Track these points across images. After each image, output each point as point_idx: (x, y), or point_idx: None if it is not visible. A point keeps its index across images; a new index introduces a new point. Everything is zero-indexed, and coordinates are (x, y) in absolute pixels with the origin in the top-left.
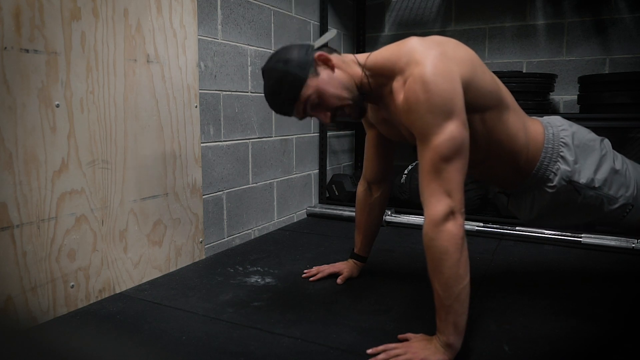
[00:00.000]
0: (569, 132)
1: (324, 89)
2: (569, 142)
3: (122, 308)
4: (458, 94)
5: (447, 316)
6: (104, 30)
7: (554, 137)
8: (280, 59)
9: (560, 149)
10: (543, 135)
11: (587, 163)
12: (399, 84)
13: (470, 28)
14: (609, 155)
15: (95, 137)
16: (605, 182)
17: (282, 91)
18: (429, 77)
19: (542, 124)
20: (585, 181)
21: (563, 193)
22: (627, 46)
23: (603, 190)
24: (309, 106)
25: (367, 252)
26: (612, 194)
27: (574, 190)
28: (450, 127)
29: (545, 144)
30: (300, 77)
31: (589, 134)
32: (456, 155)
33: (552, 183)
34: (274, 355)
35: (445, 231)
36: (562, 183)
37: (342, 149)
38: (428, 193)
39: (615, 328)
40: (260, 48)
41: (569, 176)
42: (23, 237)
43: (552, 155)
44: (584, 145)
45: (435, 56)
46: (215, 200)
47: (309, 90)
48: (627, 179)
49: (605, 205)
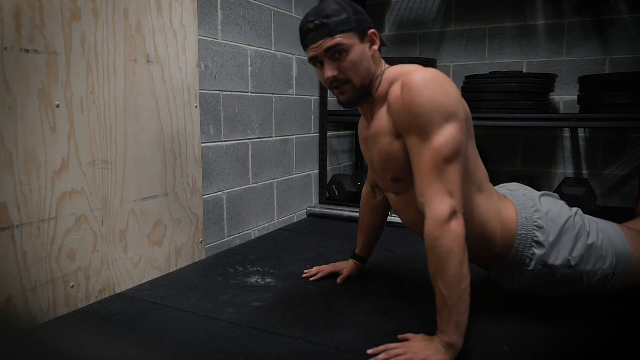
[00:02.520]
0: (541, 213)
1: (355, 54)
2: (543, 224)
3: (122, 308)
4: (460, 103)
5: (449, 315)
6: (104, 30)
7: (527, 221)
8: (347, 1)
9: (534, 234)
10: (516, 220)
11: (562, 243)
12: (396, 87)
13: (470, 28)
14: (583, 229)
15: (95, 137)
16: (582, 259)
17: (330, 17)
18: (436, 77)
19: (515, 207)
20: (562, 262)
21: (540, 275)
22: (627, 46)
23: (580, 267)
24: (331, 52)
25: (368, 253)
26: (589, 269)
27: (551, 271)
28: (452, 128)
29: (519, 229)
30: (351, 25)
31: (561, 209)
32: (456, 157)
33: (529, 267)
34: (274, 355)
35: (450, 230)
36: (537, 267)
37: (342, 149)
38: (431, 193)
39: (615, 328)
40: (260, 48)
41: (544, 260)
42: (23, 237)
43: (527, 240)
44: (558, 225)
45: (437, 71)
46: (215, 200)
47: (347, 40)
48: (603, 251)
49: (585, 280)
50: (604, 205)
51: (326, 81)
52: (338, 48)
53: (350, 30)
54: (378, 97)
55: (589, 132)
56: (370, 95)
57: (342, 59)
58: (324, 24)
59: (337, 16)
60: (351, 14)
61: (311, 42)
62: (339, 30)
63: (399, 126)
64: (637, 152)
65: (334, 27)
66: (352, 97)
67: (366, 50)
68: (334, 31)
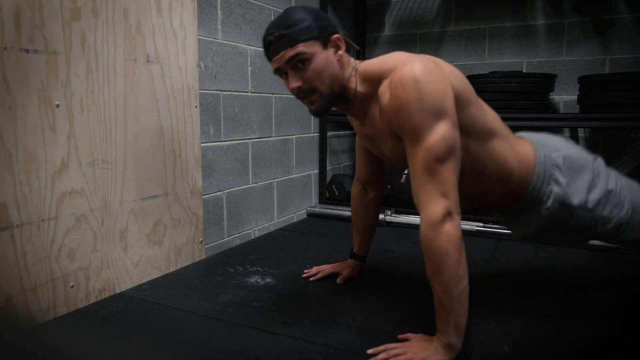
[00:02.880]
0: (561, 153)
1: (318, 62)
2: (561, 163)
3: (122, 308)
4: (449, 94)
5: (447, 317)
6: (104, 30)
7: (546, 159)
8: (310, 9)
9: (553, 172)
10: (534, 157)
11: (580, 184)
12: (384, 87)
13: (470, 28)
14: (602, 175)
15: (95, 137)
16: (599, 203)
17: (288, 28)
18: (419, 76)
19: (533, 145)
20: (578, 203)
21: (556, 215)
22: (627, 46)
23: (596, 212)
24: (293, 62)
25: (366, 251)
26: (605, 214)
27: (568, 211)
28: (442, 127)
29: (537, 167)
30: (312, 33)
31: (580, 153)
32: (449, 156)
33: (546, 205)
34: (274, 355)
35: (444, 232)
36: (555, 206)
37: (342, 149)
38: (424, 195)
39: (615, 328)
40: (260, 48)
41: (562, 198)
42: (23, 237)
43: (545, 177)
44: (576, 167)
45: (425, 60)
46: (215, 200)
47: (308, 49)
48: (621, 199)
49: (600, 226)
50: None
51: (292, 92)
52: (299, 57)
53: (311, 39)
54: (360, 96)
55: (589, 132)
56: (347, 98)
57: (305, 68)
58: (283, 35)
59: (297, 25)
60: (312, 21)
61: (273, 54)
62: (299, 39)
63: (394, 130)
64: (637, 152)
65: (294, 37)
66: (322, 106)
67: (330, 57)
68: (294, 41)
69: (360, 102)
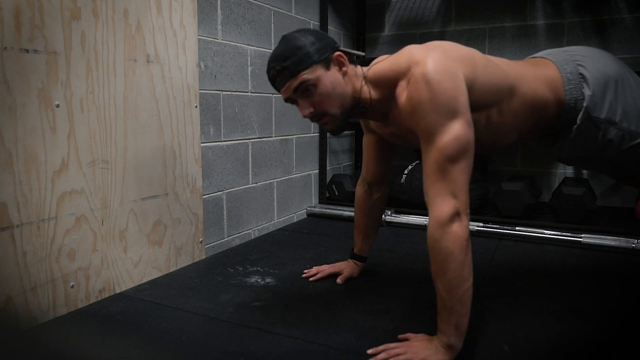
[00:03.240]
0: (585, 65)
1: (324, 85)
2: (587, 75)
3: (122, 308)
4: (462, 92)
5: (449, 317)
6: (104, 30)
7: (572, 76)
8: (306, 33)
9: (582, 86)
10: (560, 78)
11: (607, 96)
12: (402, 88)
13: (470, 28)
14: (631, 85)
15: (95, 137)
16: (626, 116)
17: (287, 59)
18: (431, 76)
19: (557, 66)
20: (605, 116)
21: (586, 129)
22: (627, 46)
23: (623, 125)
24: (300, 90)
25: (367, 252)
26: (633, 128)
27: (595, 124)
28: (456, 126)
29: (566, 85)
30: (312, 59)
31: (606, 63)
32: (462, 156)
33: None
34: (274, 355)
35: (450, 233)
36: (584, 119)
37: (342, 149)
38: (433, 194)
39: (615, 328)
40: (260, 48)
41: (589, 111)
42: (23, 237)
43: (576, 94)
44: (603, 78)
45: (436, 56)
46: (215, 200)
47: (311, 75)
48: None
49: (627, 142)
50: (604, 205)
51: (306, 118)
52: (305, 85)
53: (312, 64)
54: (377, 102)
55: None
56: (364, 109)
57: (312, 94)
58: (284, 67)
59: (296, 55)
60: (309, 46)
61: (280, 86)
62: (300, 69)
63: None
64: None
65: (295, 67)
66: (337, 125)
67: (336, 76)
68: (296, 71)
69: (379, 107)
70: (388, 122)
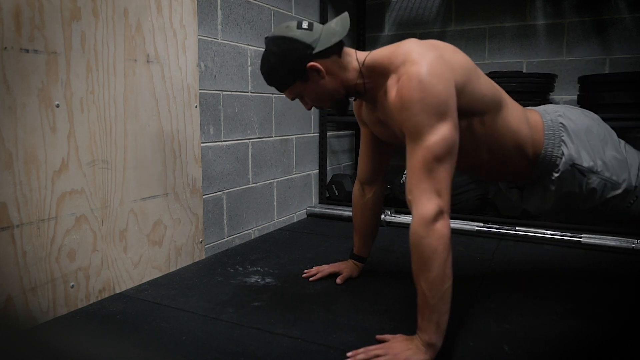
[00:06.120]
0: (565, 117)
1: (308, 94)
2: (568, 125)
3: (122, 308)
4: (452, 96)
5: (430, 315)
6: (104, 30)
7: (553, 123)
8: (273, 54)
9: (561, 134)
10: (542, 122)
11: (588, 147)
12: (392, 82)
13: (470, 28)
14: (609, 139)
15: (95, 137)
16: (607, 166)
17: (269, 80)
18: (425, 77)
19: (538, 112)
20: (587, 165)
21: (569, 178)
22: (627, 46)
23: (605, 174)
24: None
25: (366, 252)
26: (614, 179)
27: (579, 173)
28: (444, 127)
29: (546, 130)
30: (287, 81)
31: (585, 118)
32: (447, 156)
33: (558, 169)
34: (274, 355)
35: (435, 230)
36: (566, 167)
37: (342, 149)
38: (418, 192)
39: (615, 328)
40: (260, 48)
41: (572, 159)
42: (23, 237)
43: (554, 140)
44: (583, 130)
45: (432, 58)
46: (215, 200)
47: (293, 91)
48: (628, 164)
49: (609, 191)
50: None
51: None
52: (293, 97)
53: (289, 84)
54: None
55: None
56: (359, 93)
57: (305, 100)
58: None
59: (273, 77)
60: (280, 68)
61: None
62: (283, 88)
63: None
64: None
65: (279, 86)
66: (337, 109)
67: (318, 82)
68: (281, 88)
69: (372, 92)
70: (377, 106)
